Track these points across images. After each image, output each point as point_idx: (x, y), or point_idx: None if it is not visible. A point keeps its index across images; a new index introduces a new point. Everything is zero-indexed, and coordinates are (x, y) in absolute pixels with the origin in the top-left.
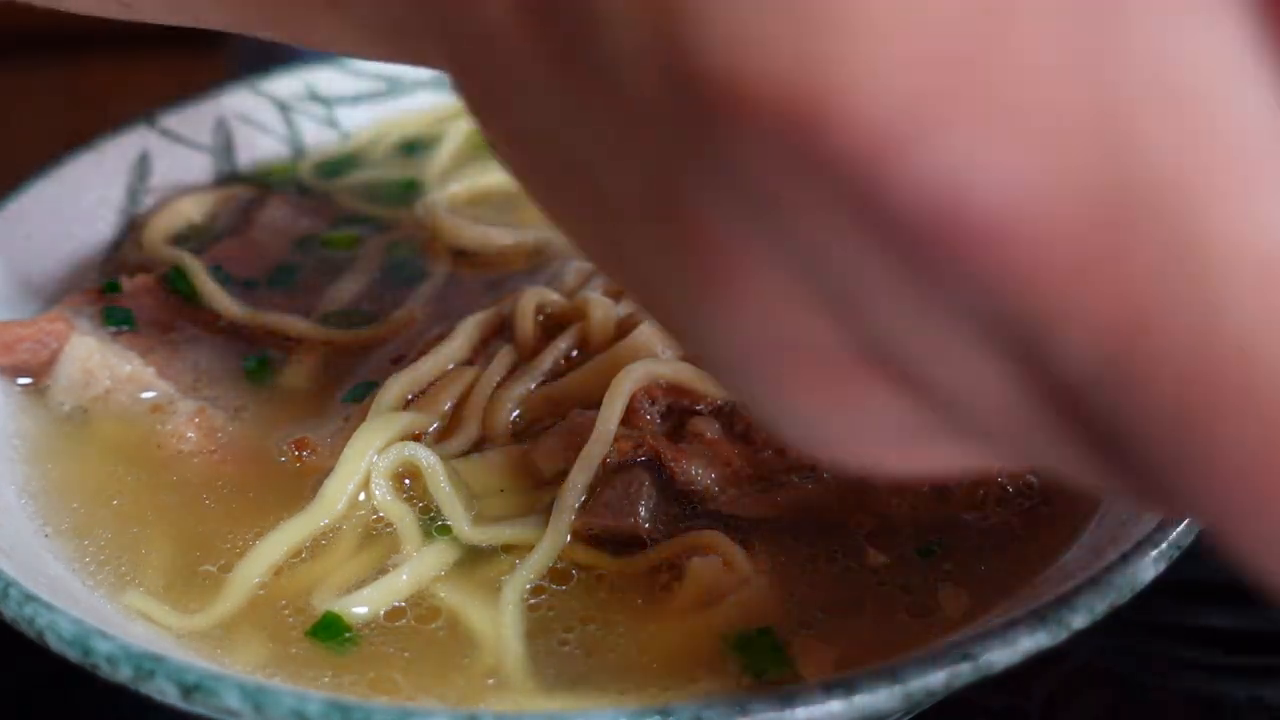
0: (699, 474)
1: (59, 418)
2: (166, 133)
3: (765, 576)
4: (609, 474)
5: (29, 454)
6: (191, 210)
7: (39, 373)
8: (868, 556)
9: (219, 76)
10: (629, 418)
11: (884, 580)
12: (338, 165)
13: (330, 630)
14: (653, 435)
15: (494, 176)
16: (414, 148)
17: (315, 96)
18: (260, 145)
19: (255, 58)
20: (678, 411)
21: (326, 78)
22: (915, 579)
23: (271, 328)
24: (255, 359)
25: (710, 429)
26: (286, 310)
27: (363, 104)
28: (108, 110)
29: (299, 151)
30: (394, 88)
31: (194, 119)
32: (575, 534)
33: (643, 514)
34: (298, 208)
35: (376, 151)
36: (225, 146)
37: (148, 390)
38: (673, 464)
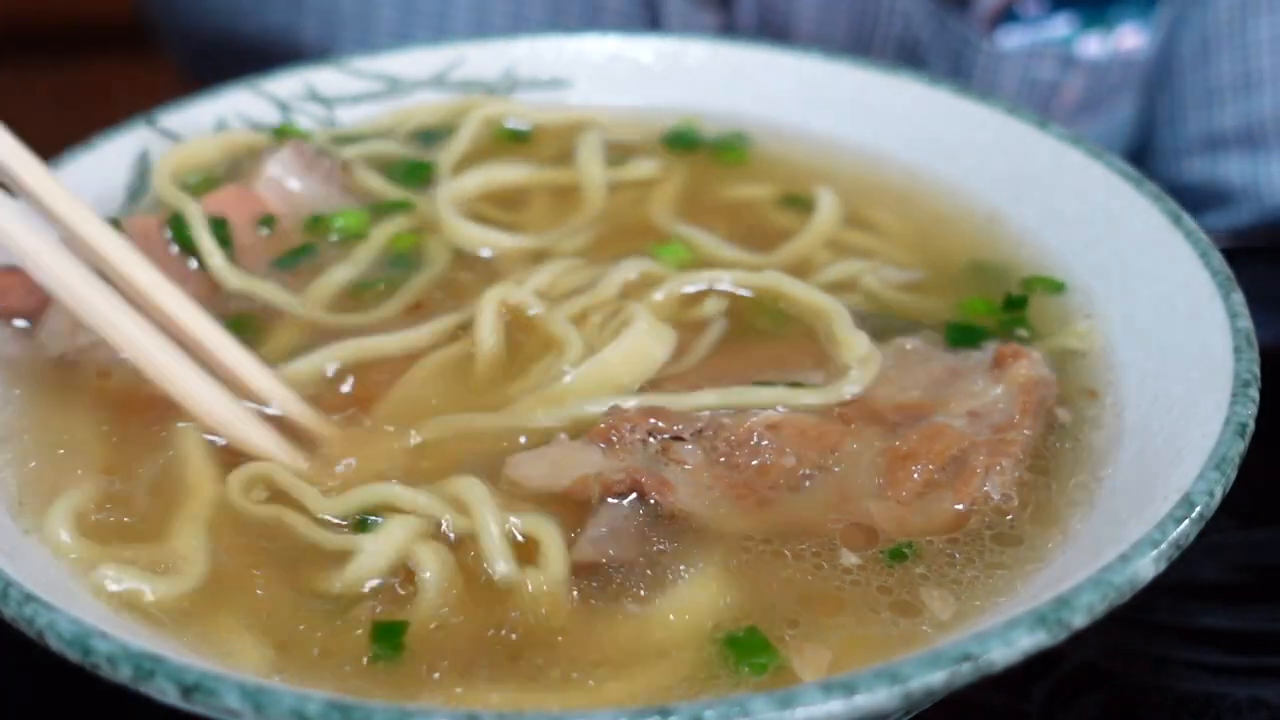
0: (684, 503)
1: (47, 362)
2: (166, 133)
3: (742, 578)
4: (597, 508)
5: (12, 396)
6: (204, 152)
7: (35, 314)
8: (840, 556)
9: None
10: (612, 446)
11: (858, 580)
12: (355, 136)
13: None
14: (635, 469)
15: (505, 173)
16: (432, 136)
17: (315, 96)
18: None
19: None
20: (658, 438)
21: (326, 78)
22: (891, 579)
23: (262, 299)
24: (236, 319)
25: (692, 457)
26: (282, 283)
27: (363, 104)
28: (108, 110)
29: None
30: (394, 88)
31: (194, 119)
32: (572, 568)
33: (633, 548)
34: (308, 162)
35: (396, 136)
36: None
37: None
38: (658, 496)
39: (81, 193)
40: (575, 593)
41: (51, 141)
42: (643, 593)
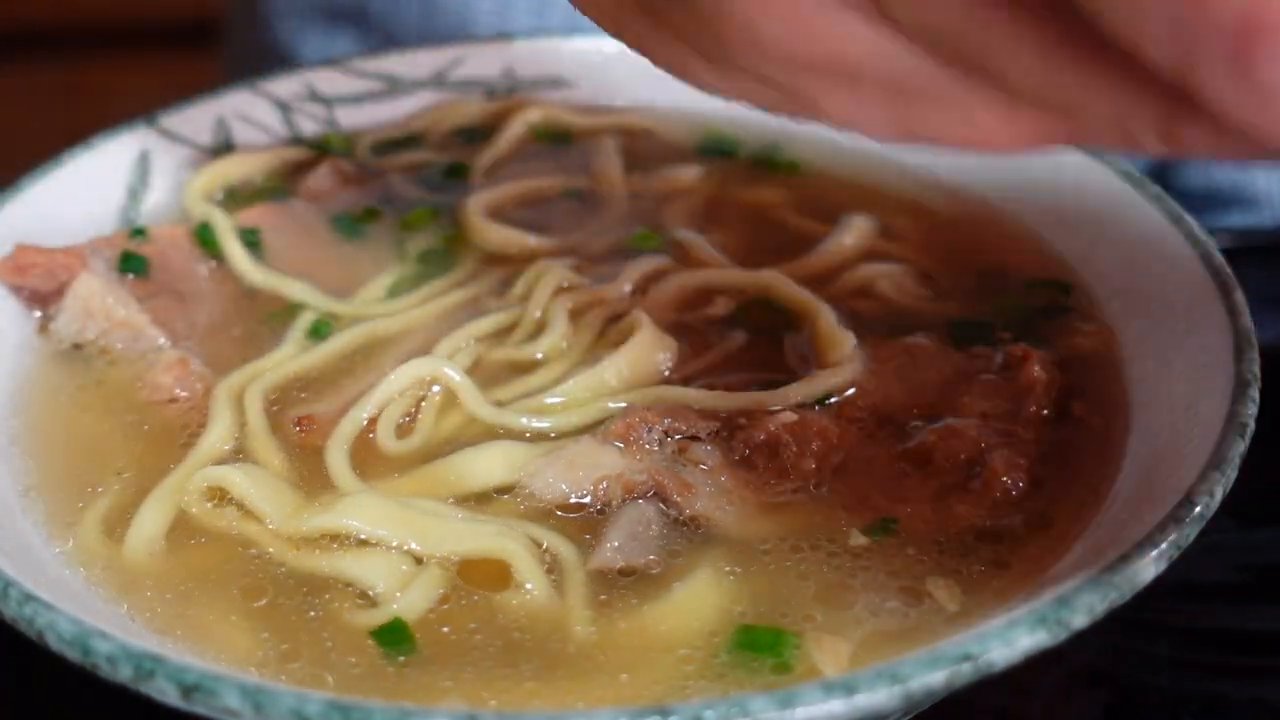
0: (702, 506)
1: (56, 354)
2: (166, 133)
3: (756, 578)
4: (616, 512)
5: (22, 388)
6: (238, 169)
7: (46, 301)
8: (850, 538)
9: (218, 76)
10: (629, 445)
11: (869, 565)
12: (393, 145)
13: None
14: (656, 470)
15: (535, 182)
16: (473, 135)
17: (315, 96)
18: (260, 145)
19: (253, 58)
20: (675, 438)
21: (327, 78)
22: (897, 563)
23: (285, 294)
24: (271, 314)
25: (711, 458)
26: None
27: (363, 104)
28: (108, 110)
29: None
30: (394, 87)
31: (194, 119)
32: (591, 574)
33: (653, 553)
34: (345, 179)
35: (435, 134)
36: (225, 146)
37: (139, 335)
38: (678, 499)
39: (82, 192)
40: (588, 600)
41: (51, 141)
42: (655, 596)
